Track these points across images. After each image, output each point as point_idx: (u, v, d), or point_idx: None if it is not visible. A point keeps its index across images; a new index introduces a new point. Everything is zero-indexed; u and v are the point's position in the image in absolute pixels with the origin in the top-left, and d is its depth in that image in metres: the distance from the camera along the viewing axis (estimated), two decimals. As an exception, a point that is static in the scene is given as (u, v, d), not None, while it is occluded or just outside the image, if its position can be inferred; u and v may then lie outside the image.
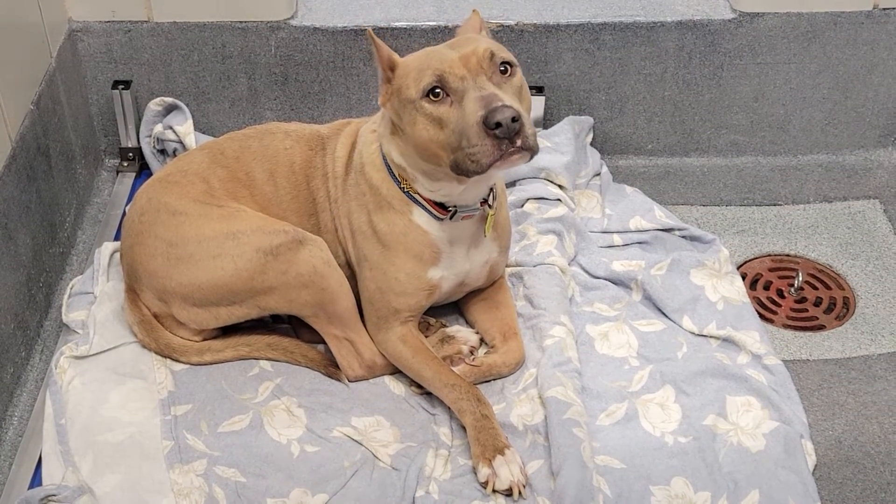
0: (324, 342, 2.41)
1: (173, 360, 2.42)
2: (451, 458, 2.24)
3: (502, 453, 2.17)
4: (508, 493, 2.14)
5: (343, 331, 2.37)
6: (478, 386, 2.35)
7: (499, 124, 1.98)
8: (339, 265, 2.37)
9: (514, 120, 1.98)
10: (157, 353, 2.43)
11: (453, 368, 2.35)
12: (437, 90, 2.06)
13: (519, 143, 2.01)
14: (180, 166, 2.50)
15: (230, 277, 2.31)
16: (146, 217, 2.40)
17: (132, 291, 2.44)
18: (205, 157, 2.50)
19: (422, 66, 2.11)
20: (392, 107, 2.20)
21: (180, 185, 2.43)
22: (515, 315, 2.50)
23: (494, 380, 2.40)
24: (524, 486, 2.15)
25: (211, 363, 2.42)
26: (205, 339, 2.44)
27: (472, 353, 2.43)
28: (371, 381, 2.41)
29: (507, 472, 2.15)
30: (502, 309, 2.49)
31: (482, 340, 2.49)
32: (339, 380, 2.39)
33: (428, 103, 2.08)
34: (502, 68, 2.09)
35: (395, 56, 2.18)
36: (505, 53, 2.12)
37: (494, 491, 2.15)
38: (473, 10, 2.30)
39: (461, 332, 2.47)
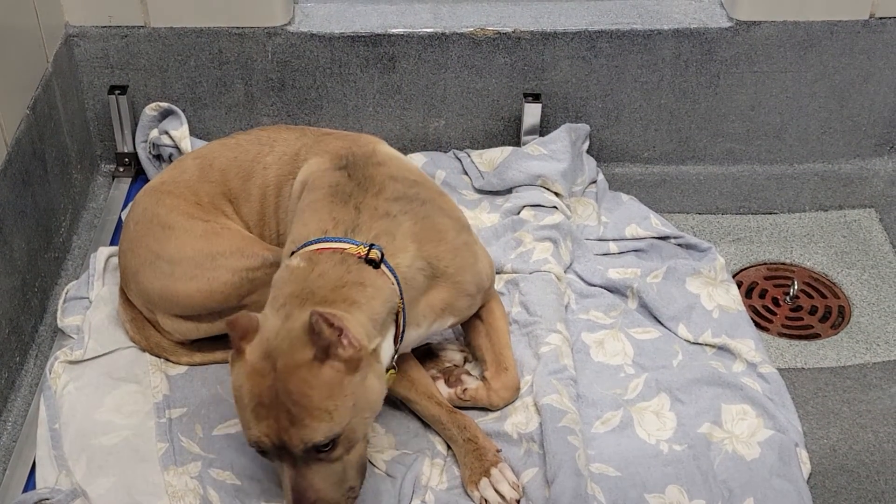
0: None
1: (164, 359, 2.43)
2: (447, 468, 2.24)
3: (488, 474, 2.15)
4: None
5: None
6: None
7: None
8: None
9: None
10: (147, 351, 2.44)
11: (444, 387, 2.35)
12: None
13: None
14: (174, 175, 2.50)
15: (204, 298, 2.32)
16: (140, 227, 2.41)
17: (125, 291, 2.46)
18: (196, 169, 2.49)
19: (247, 413, 1.92)
20: None
21: (172, 196, 2.43)
22: (508, 342, 2.41)
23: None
24: (517, 502, 2.14)
25: (200, 364, 2.43)
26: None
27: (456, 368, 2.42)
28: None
29: (492, 494, 2.14)
30: (494, 338, 2.40)
31: (466, 359, 2.45)
32: None
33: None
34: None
35: (244, 346, 1.94)
36: (316, 435, 1.89)
37: None
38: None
39: (446, 353, 2.45)
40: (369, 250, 2.05)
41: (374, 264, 2.05)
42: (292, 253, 2.10)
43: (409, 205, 2.20)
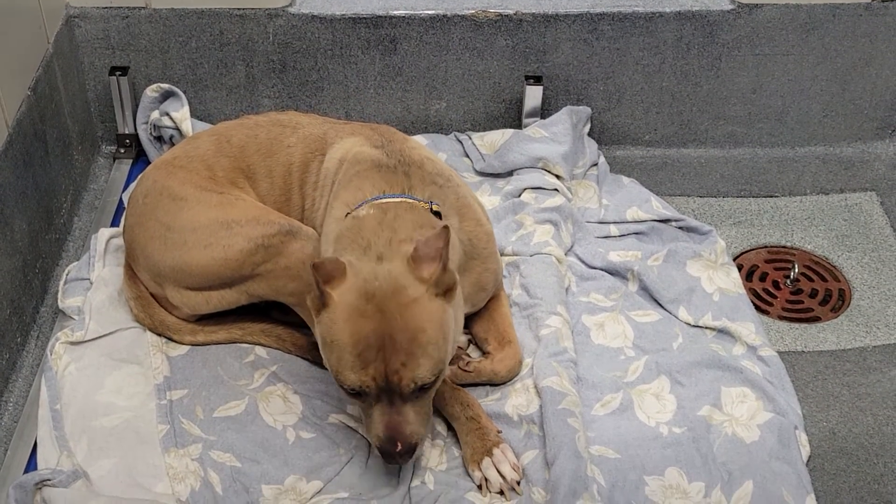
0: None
1: (167, 337, 2.44)
2: (446, 449, 2.24)
3: (490, 454, 2.16)
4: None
5: None
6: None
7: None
8: None
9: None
10: (151, 329, 2.44)
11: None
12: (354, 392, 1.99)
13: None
14: (187, 150, 2.51)
15: (219, 266, 2.32)
16: (149, 199, 2.41)
17: (130, 268, 2.46)
18: (211, 144, 2.50)
19: (351, 357, 1.94)
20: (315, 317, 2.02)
21: (185, 170, 2.44)
22: (511, 322, 2.45)
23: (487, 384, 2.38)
24: (518, 483, 2.15)
25: (204, 343, 2.43)
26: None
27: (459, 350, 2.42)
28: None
29: (494, 474, 2.14)
30: (496, 318, 2.43)
31: (470, 342, 2.46)
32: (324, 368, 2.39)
33: (344, 393, 2.03)
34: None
35: (332, 293, 1.95)
36: (427, 372, 1.95)
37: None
38: (444, 227, 1.97)
39: None
40: (431, 205, 2.13)
41: (439, 216, 2.12)
42: (347, 214, 2.14)
43: (449, 182, 2.29)
